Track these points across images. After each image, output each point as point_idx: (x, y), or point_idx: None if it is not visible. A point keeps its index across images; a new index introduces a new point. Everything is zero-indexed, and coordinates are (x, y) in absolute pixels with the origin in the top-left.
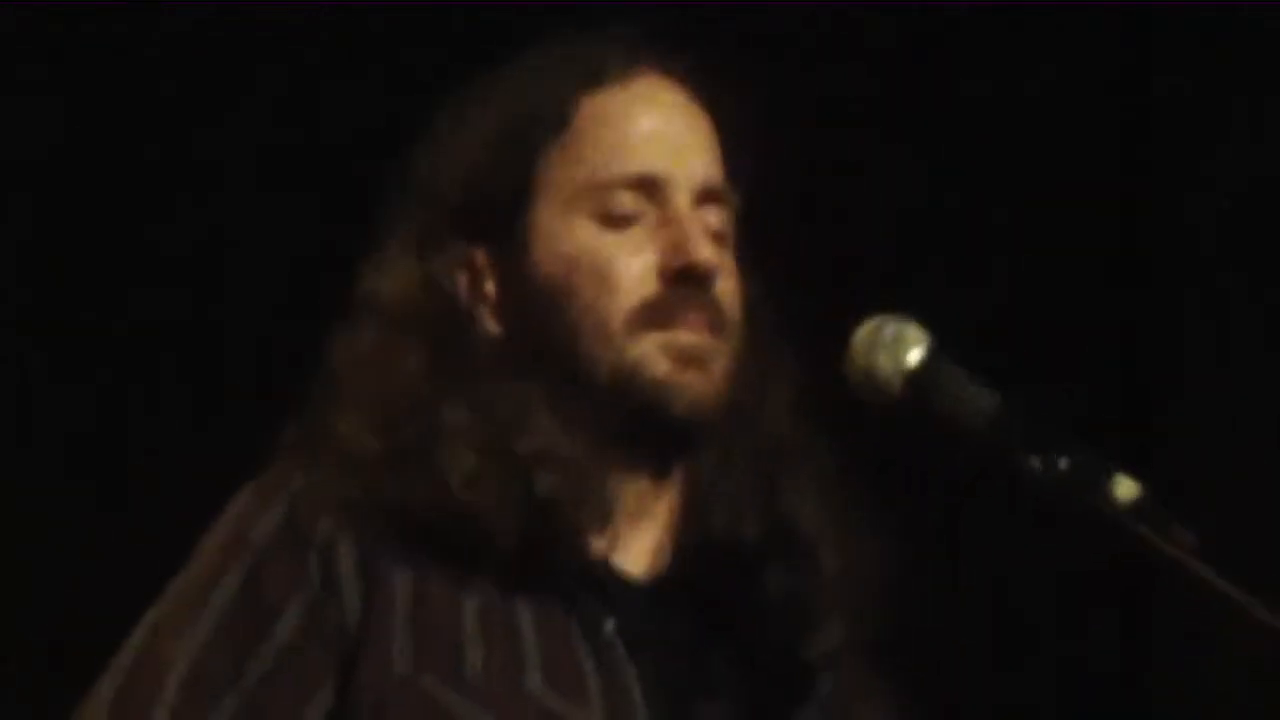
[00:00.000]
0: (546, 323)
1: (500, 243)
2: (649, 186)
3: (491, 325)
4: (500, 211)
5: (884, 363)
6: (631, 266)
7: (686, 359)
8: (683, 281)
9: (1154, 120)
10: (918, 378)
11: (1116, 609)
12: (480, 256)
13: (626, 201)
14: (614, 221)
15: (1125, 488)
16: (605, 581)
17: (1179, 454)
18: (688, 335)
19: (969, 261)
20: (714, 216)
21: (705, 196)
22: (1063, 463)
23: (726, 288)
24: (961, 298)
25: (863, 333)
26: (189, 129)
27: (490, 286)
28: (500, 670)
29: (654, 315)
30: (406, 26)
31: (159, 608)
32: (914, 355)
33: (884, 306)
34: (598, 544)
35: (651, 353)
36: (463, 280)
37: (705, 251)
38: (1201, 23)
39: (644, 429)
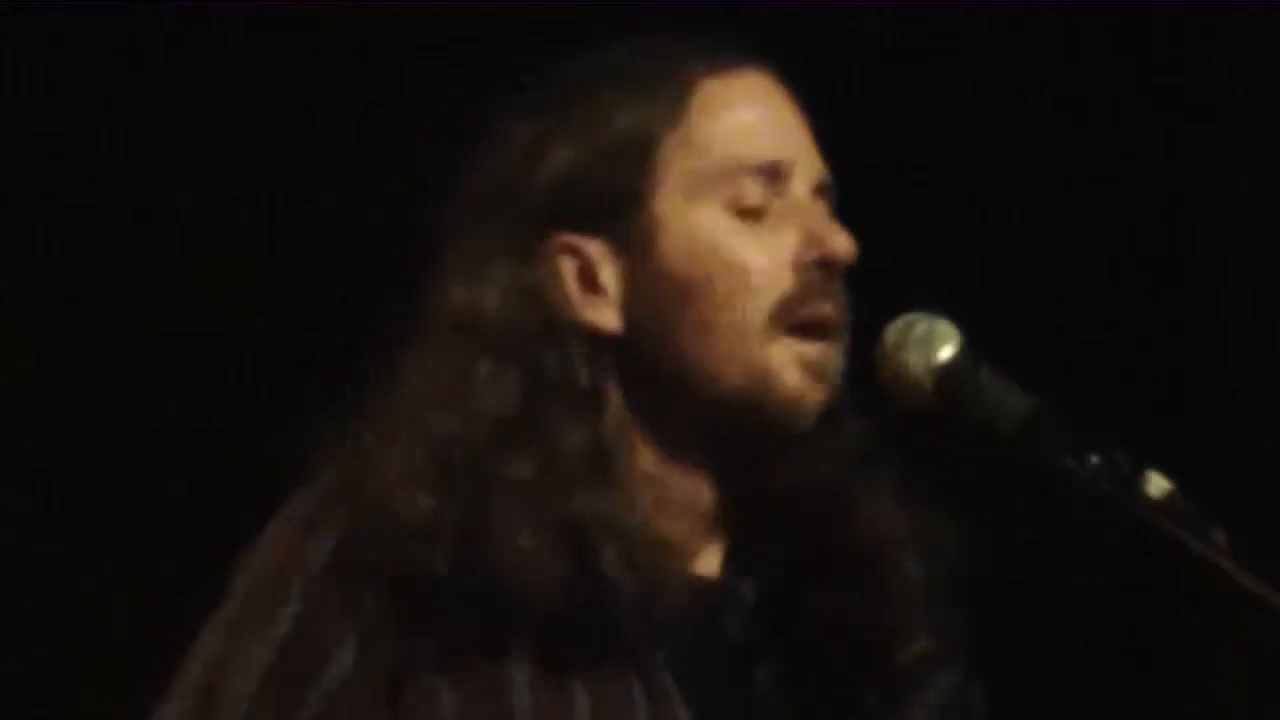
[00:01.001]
0: (674, 316)
1: (618, 230)
2: (774, 174)
3: (608, 319)
4: (619, 198)
5: (914, 361)
6: (765, 260)
7: (816, 373)
8: (818, 271)
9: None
10: (948, 375)
11: (1144, 610)
12: (593, 246)
13: (754, 190)
14: (743, 213)
15: (1157, 485)
16: (656, 609)
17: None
18: (817, 349)
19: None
20: (826, 208)
21: (820, 189)
22: (1094, 460)
23: (843, 282)
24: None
25: (893, 331)
26: (195, 126)
27: (607, 276)
28: (550, 713)
29: (789, 313)
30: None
31: (210, 641)
32: (944, 353)
33: (916, 305)
34: (654, 585)
35: (786, 362)
36: (570, 272)
37: (843, 241)
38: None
39: (761, 435)
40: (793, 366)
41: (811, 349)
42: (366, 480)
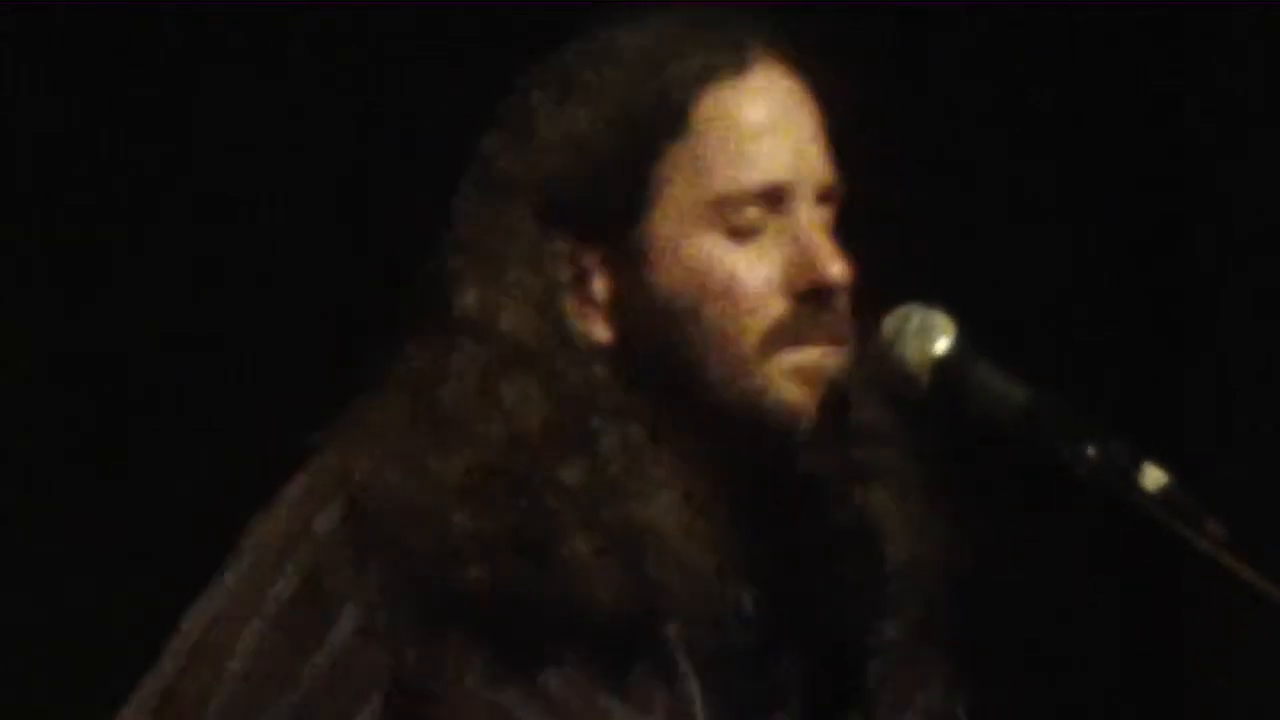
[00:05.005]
0: (667, 337)
1: (613, 244)
2: (775, 196)
3: (599, 331)
4: (616, 212)
5: (910, 352)
6: (758, 284)
7: (809, 378)
8: (811, 299)
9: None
10: (945, 367)
11: (1146, 604)
12: (588, 256)
13: (751, 213)
14: (739, 234)
15: (1153, 477)
16: (693, 612)
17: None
18: (815, 355)
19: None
20: (829, 214)
21: (823, 196)
22: (1090, 452)
23: (846, 296)
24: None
25: (889, 323)
26: (194, 125)
27: (600, 288)
28: (575, 687)
29: (781, 337)
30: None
31: (211, 599)
32: (941, 344)
33: (912, 297)
34: (700, 587)
35: (778, 377)
36: (567, 281)
37: (836, 268)
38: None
39: (763, 450)
40: (790, 381)
41: (808, 355)
42: (390, 482)
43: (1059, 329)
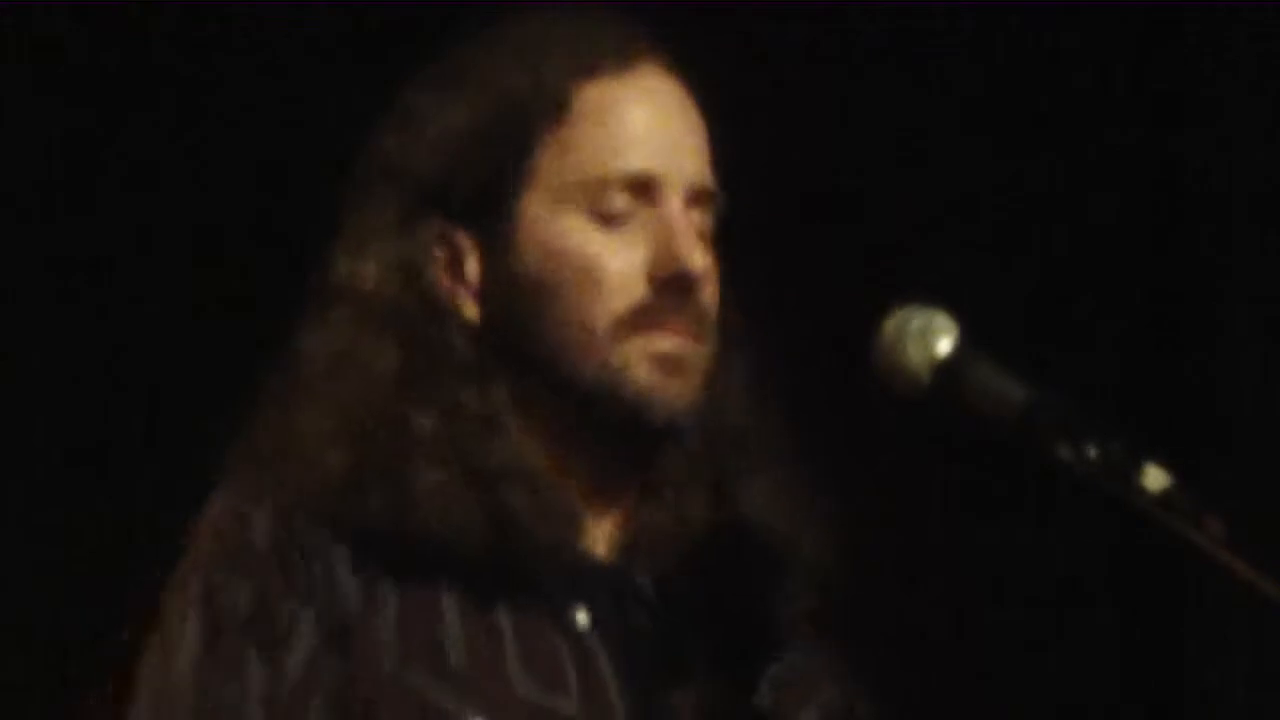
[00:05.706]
0: (529, 315)
1: (485, 226)
2: (643, 186)
3: (469, 309)
4: (489, 194)
5: (912, 354)
6: (620, 267)
7: (669, 366)
8: (671, 288)
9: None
10: (947, 369)
11: (1146, 604)
12: (462, 237)
13: (619, 200)
14: (605, 219)
15: (1154, 478)
16: (574, 570)
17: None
18: (671, 341)
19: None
20: (701, 217)
21: (696, 197)
22: (1091, 452)
23: (710, 291)
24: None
25: (890, 324)
26: (197, 117)
27: (472, 269)
28: (483, 665)
29: (639, 320)
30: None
31: (167, 629)
32: (943, 346)
33: (912, 292)
34: (565, 532)
35: (635, 359)
36: (441, 260)
37: (696, 259)
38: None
39: (621, 433)
40: (642, 363)
41: (664, 341)
42: (285, 448)
43: (1059, 328)
